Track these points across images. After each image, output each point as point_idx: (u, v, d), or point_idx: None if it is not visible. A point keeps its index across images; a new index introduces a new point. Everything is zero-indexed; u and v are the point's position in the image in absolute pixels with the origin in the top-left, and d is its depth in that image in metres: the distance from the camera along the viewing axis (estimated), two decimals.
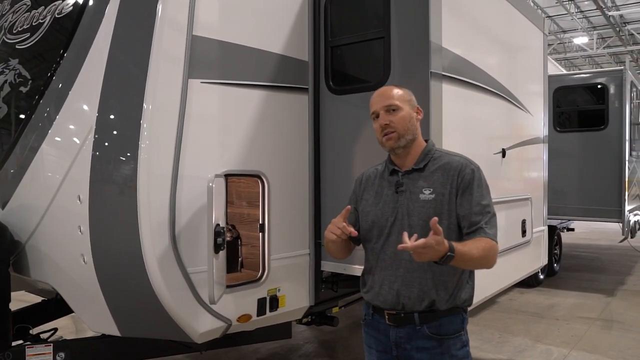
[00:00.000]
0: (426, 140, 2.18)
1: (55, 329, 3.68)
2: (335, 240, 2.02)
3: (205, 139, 2.79)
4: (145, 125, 2.52)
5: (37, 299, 3.99)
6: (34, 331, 3.62)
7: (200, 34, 2.73)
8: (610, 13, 18.31)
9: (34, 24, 3.12)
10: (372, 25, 3.27)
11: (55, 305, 3.83)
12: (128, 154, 2.56)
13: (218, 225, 2.69)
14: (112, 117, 2.69)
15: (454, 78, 3.24)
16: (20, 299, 3.88)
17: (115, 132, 2.66)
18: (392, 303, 2.05)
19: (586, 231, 12.67)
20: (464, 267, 1.99)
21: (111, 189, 2.64)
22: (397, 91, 2.12)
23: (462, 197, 2.01)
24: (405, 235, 1.79)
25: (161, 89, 2.57)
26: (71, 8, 2.92)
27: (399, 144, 2.07)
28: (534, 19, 4.70)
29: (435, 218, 1.80)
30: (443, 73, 3.04)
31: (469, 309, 2.17)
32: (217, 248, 2.68)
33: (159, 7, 2.58)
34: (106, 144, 2.66)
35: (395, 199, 2.08)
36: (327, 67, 3.40)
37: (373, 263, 2.13)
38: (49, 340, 3.56)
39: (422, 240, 1.79)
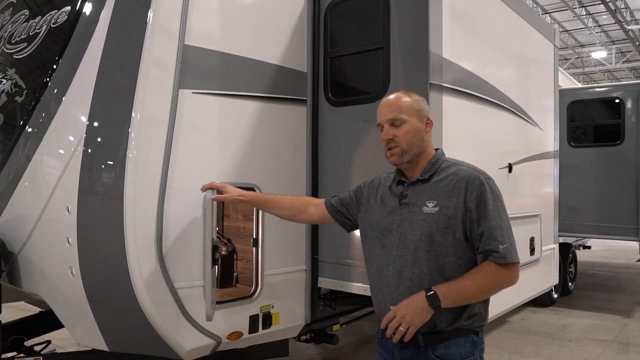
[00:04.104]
0: (437, 149, 2.05)
1: (49, 342, 3.64)
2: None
3: (197, 150, 2.73)
4: (133, 135, 2.47)
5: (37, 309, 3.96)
6: (30, 342, 3.58)
7: (193, 44, 2.68)
8: (629, 27, 18.04)
9: (30, 33, 3.11)
10: (371, 35, 3.19)
11: (51, 317, 3.78)
12: (115, 164, 2.51)
13: (213, 239, 2.61)
14: (101, 126, 2.64)
15: (456, 90, 3.14)
16: (25, 309, 3.86)
17: (103, 142, 2.61)
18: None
19: (603, 249, 12.35)
20: (469, 302, 1.88)
21: (98, 200, 2.59)
22: (404, 101, 1.98)
23: (472, 215, 1.86)
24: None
25: (150, 98, 2.52)
26: (66, 17, 2.90)
27: (402, 159, 1.96)
28: (543, 30, 4.59)
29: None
30: (444, 85, 2.95)
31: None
32: (214, 263, 2.60)
33: (150, 14, 2.54)
34: (94, 153, 2.61)
35: (399, 211, 1.96)
36: (326, 78, 3.34)
37: (377, 278, 2.03)
38: (41, 352, 3.52)
39: (390, 316, 1.85)
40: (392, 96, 2.02)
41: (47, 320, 3.83)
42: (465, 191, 1.87)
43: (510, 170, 3.77)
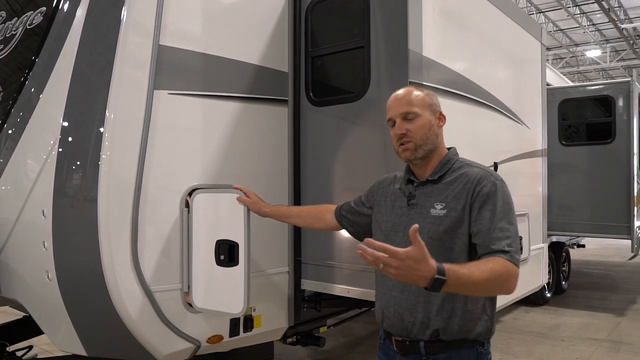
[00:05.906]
0: (449, 149, 1.97)
1: (30, 347, 3.60)
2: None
3: (174, 151, 2.68)
4: (107, 135, 2.43)
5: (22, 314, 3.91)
6: (15, 347, 3.54)
7: (169, 44, 2.64)
8: (623, 26, 18.06)
9: (7, 35, 3.07)
10: (352, 34, 3.16)
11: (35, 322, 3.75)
12: (89, 166, 2.47)
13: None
14: (75, 126, 2.59)
15: (438, 89, 3.11)
16: (16, 313, 3.81)
17: (77, 143, 2.57)
18: (398, 328, 1.86)
19: (598, 247, 12.34)
20: (465, 293, 1.71)
21: (72, 203, 2.55)
22: (416, 95, 1.91)
23: (478, 214, 1.76)
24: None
25: (125, 97, 2.48)
26: (41, 18, 2.87)
27: (416, 155, 1.87)
28: (530, 28, 4.56)
29: (416, 226, 1.47)
30: (424, 83, 2.92)
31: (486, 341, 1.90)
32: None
33: (124, 12, 2.51)
34: (68, 155, 2.56)
35: (406, 212, 1.89)
36: (307, 78, 3.30)
37: (381, 281, 1.96)
38: (23, 357, 3.48)
39: (391, 248, 1.46)
40: (401, 90, 1.95)
41: (32, 325, 3.79)
42: (472, 192, 1.79)
43: (495, 170, 3.74)
